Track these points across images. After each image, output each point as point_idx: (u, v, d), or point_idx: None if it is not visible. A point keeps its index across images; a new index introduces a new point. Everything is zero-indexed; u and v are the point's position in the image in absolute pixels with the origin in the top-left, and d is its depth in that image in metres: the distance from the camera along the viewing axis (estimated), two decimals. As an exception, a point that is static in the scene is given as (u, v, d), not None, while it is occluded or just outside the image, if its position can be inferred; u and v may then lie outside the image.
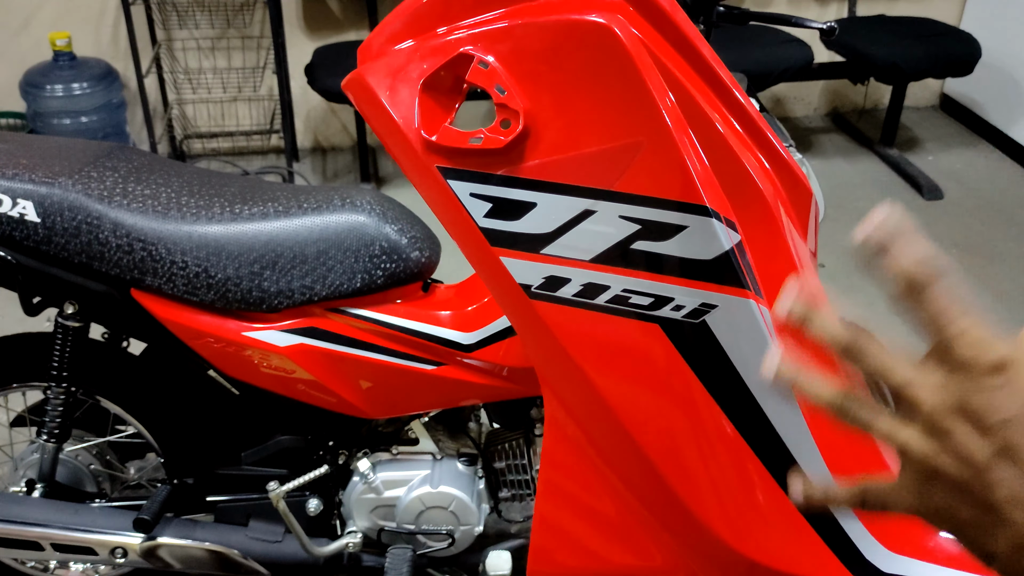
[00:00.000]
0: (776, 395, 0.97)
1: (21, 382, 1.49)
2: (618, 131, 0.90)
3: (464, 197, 0.95)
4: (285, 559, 1.47)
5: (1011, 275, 2.91)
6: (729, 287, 0.94)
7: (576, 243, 0.95)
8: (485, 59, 0.90)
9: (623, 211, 0.93)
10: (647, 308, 0.96)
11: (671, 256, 0.93)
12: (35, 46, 3.21)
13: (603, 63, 0.88)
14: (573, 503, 1.10)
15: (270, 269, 1.29)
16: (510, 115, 0.91)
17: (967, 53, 3.31)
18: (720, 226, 0.92)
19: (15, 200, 1.27)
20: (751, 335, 0.95)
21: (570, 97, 0.90)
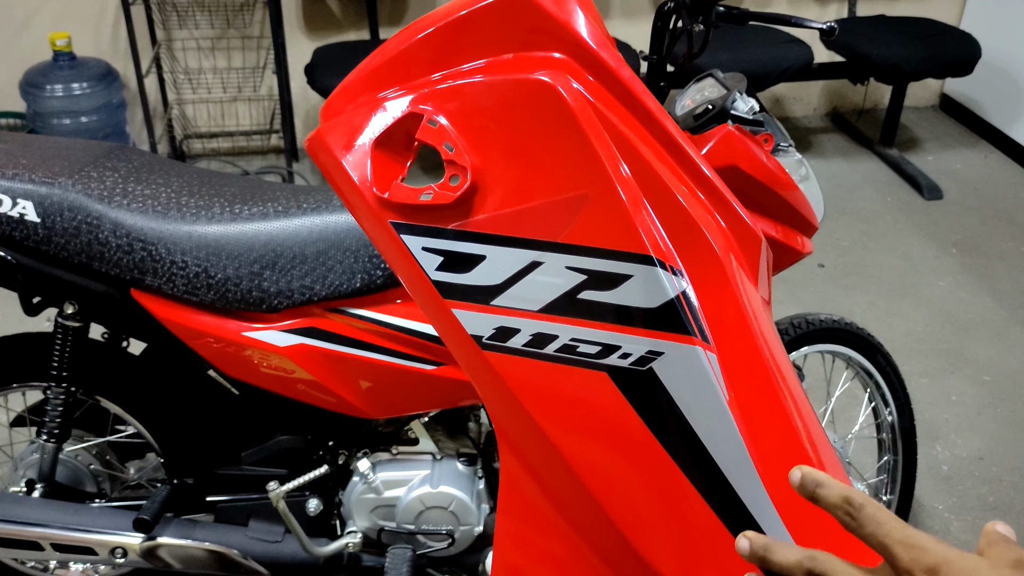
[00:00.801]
0: (724, 442, 0.99)
1: (21, 382, 1.49)
2: (563, 184, 0.93)
3: (416, 251, 0.98)
4: (285, 559, 1.48)
5: (1011, 275, 2.91)
6: (675, 334, 0.96)
7: (525, 294, 0.97)
8: (435, 117, 0.93)
9: (569, 262, 0.95)
10: (595, 356, 0.98)
11: (617, 305, 0.96)
12: (35, 46, 3.21)
13: (548, 120, 0.91)
14: (529, 550, 1.12)
15: (270, 269, 1.29)
16: (458, 171, 0.94)
17: (967, 53, 3.31)
18: (665, 274, 0.94)
19: (15, 200, 1.27)
20: (698, 381, 0.97)
21: (517, 152, 0.93)
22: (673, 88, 1.51)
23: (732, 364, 0.99)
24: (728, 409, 0.98)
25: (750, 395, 0.99)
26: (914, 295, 2.80)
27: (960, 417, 2.30)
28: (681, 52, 1.52)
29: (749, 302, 1.00)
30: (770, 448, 1.00)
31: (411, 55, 0.96)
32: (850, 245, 3.06)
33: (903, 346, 2.56)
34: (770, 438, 1.00)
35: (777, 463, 1.00)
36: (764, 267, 1.07)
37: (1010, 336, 2.61)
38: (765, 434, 1.00)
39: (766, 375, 0.99)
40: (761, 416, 1.00)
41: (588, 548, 1.09)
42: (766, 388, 0.99)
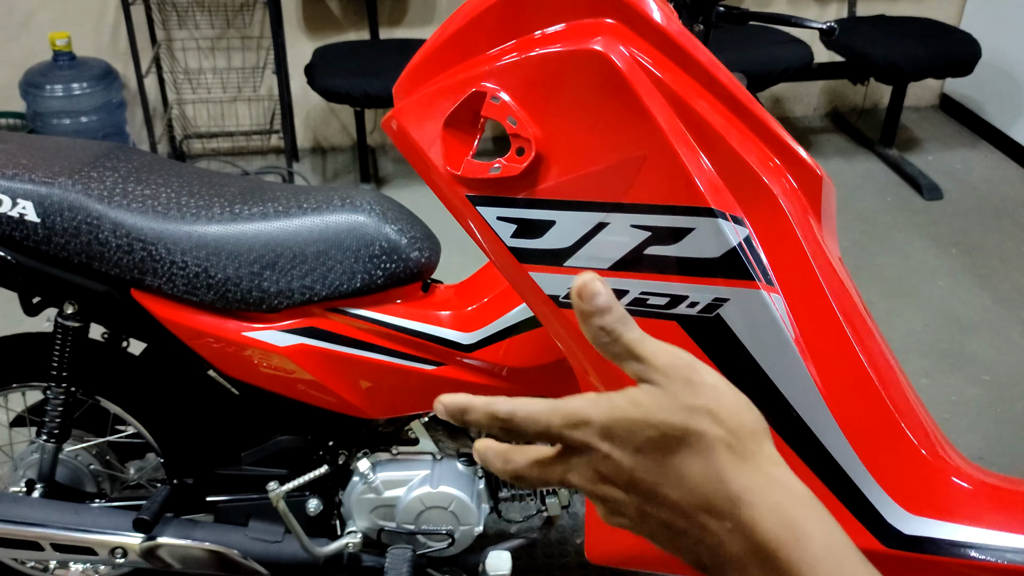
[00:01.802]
0: (793, 379, 1.03)
1: (21, 382, 1.49)
2: (621, 147, 0.98)
3: (492, 221, 1.04)
4: (285, 559, 1.47)
5: (1011, 275, 2.91)
6: (739, 280, 1.00)
7: (594, 254, 1.03)
8: (497, 94, 0.99)
9: (634, 220, 1.00)
10: (664, 308, 1.03)
11: (681, 257, 1.00)
12: (35, 46, 3.21)
13: (602, 86, 0.96)
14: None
15: (270, 269, 1.29)
16: (523, 143, 0.99)
17: (967, 53, 3.31)
18: (726, 224, 0.98)
19: (15, 200, 1.27)
20: (764, 324, 1.02)
21: (575, 120, 0.98)
22: (673, 88, 1.51)
23: (797, 303, 1.03)
24: (795, 347, 1.03)
25: (816, 331, 1.04)
26: (914, 295, 2.80)
27: (960, 417, 2.30)
28: (681, 52, 1.52)
29: (811, 242, 1.04)
30: (839, 380, 1.05)
31: (468, 33, 1.01)
32: (850, 245, 3.06)
33: (903, 346, 2.56)
34: (838, 371, 1.05)
35: (846, 394, 1.05)
36: (827, 204, 1.11)
37: (1010, 336, 2.61)
38: (833, 367, 1.04)
39: (830, 311, 1.04)
40: (828, 350, 1.04)
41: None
42: (831, 323, 1.04)
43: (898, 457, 1.07)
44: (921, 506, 1.08)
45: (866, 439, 1.06)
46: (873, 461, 1.06)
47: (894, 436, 1.07)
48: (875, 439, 1.06)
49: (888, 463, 1.07)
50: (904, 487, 1.08)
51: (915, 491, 1.08)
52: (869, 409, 1.06)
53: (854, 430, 1.05)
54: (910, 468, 1.08)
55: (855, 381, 1.05)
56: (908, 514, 1.07)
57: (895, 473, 1.07)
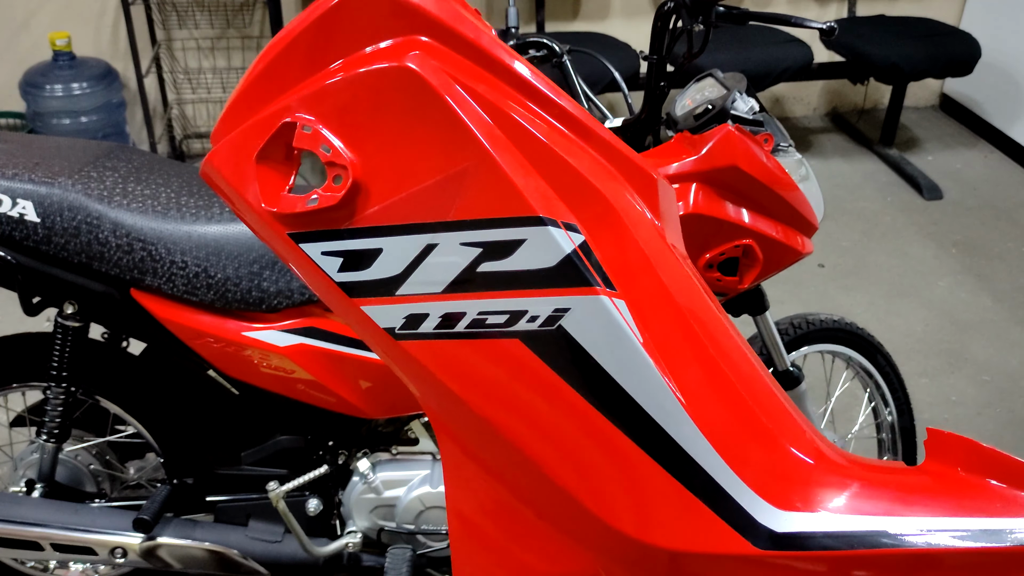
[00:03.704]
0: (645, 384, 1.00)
1: (21, 382, 1.49)
2: (441, 163, 0.94)
3: (316, 257, 0.99)
4: (285, 559, 1.47)
5: (1011, 275, 2.91)
6: (578, 288, 0.97)
7: (426, 278, 0.99)
8: (308, 123, 0.95)
9: (463, 238, 0.97)
10: (504, 325, 0.99)
11: (516, 271, 0.97)
12: (35, 46, 3.21)
13: (414, 103, 0.93)
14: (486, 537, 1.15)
15: (270, 269, 1.29)
16: (339, 171, 0.95)
17: (967, 53, 3.32)
18: (558, 232, 0.96)
19: (15, 200, 1.27)
20: (609, 330, 0.98)
21: (391, 141, 0.95)
22: (673, 88, 1.51)
23: (641, 307, 1.00)
24: (643, 351, 0.99)
25: (665, 333, 1.01)
26: (914, 295, 2.80)
27: (960, 417, 2.30)
28: (681, 52, 1.52)
29: (651, 243, 1.01)
30: (694, 381, 1.01)
31: (277, 69, 0.97)
32: (850, 245, 3.06)
33: (903, 346, 2.56)
34: (692, 372, 1.02)
35: (703, 394, 1.02)
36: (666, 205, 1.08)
37: (1010, 336, 2.61)
38: (686, 368, 1.01)
39: (677, 311, 1.01)
40: (679, 351, 1.01)
41: (542, 520, 1.11)
42: (679, 324, 1.01)
43: (762, 453, 1.04)
44: (791, 500, 1.05)
45: (728, 438, 1.03)
46: (737, 460, 1.03)
47: (756, 432, 1.04)
48: (737, 437, 1.03)
49: (753, 460, 1.04)
50: (772, 483, 1.05)
51: (783, 486, 1.05)
52: (728, 408, 1.03)
53: (715, 430, 1.03)
54: (776, 463, 1.05)
55: (711, 380, 1.02)
56: (779, 511, 1.04)
57: (761, 470, 1.04)
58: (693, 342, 1.02)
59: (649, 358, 0.99)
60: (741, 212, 1.39)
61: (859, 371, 1.80)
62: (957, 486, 1.07)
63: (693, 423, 1.02)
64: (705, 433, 1.02)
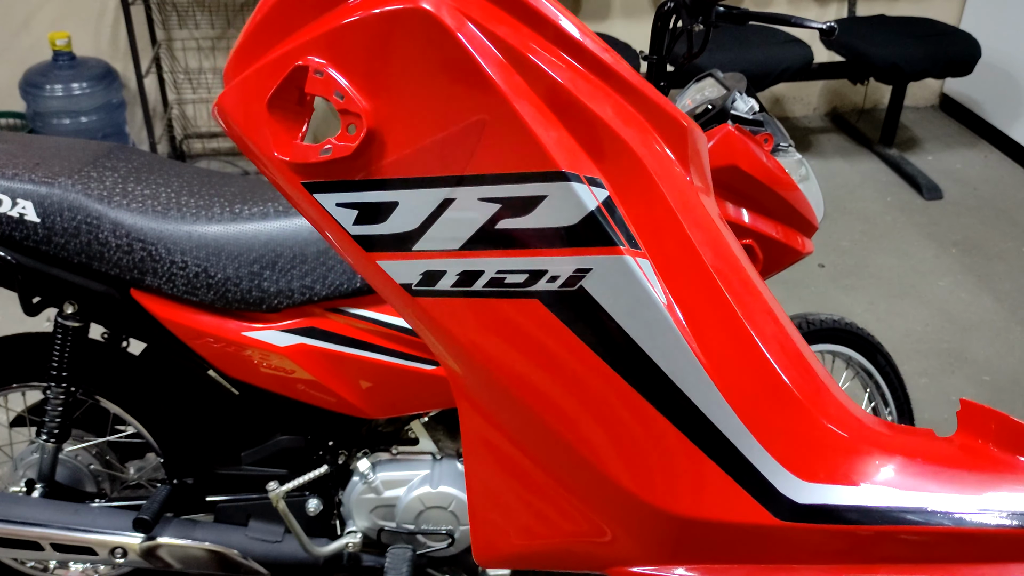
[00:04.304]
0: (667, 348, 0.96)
1: (21, 382, 1.49)
2: (459, 113, 0.89)
3: (331, 209, 0.95)
4: (285, 559, 1.47)
5: (1011, 275, 2.91)
6: (601, 247, 0.92)
7: (443, 234, 0.94)
8: (321, 67, 0.89)
9: (481, 193, 0.91)
10: (523, 285, 0.95)
11: (537, 228, 0.92)
12: (35, 46, 3.21)
13: (430, 48, 0.87)
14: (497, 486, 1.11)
15: (270, 269, 1.29)
16: (353, 119, 0.91)
17: (967, 53, 3.32)
18: (581, 188, 0.90)
19: (15, 200, 1.27)
20: (630, 290, 0.94)
21: (406, 89, 0.89)
22: (673, 88, 1.51)
23: (667, 266, 0.95)
24: (667, 313, 0.95)
25: (691, 295, 0.96)
26: (914, 295, 2.80)
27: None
28: (681, 52, 1.52)
29: (680, 198, 0.96)
30: (719, 346, 0.97)
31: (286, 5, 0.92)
32: (850, 245, 3.06)
33: (903, 346, 2.56)
34: (718, 336, 0.97)
35: (728, 360, 0.98)
36: (698, 156, 1.02)
37: (1010, 336, 2.61)
38: (712, 332, 0.97)
39: (704, 272, 0.96)
40: (705, 314, 0.97)
41: (556, 482, 1.08)
42: (706, 285, 0.96)
43: (789, 422, 1.00)
44: (816, 472, 1.01)
45: (753, 406, 0.99)
46: (762, 429, 0.99)
47: (783, 401, 1.00)
48: (763, 405, 0.99)
49: (778, 429, 1.00)
50: (797, 453, 1.01)
51: (809, 457, 1.01)
52: (755, 374, 0.99)
53: (739, 398, 0.98)
54: (803, 433, 1.01)
55: (737, 345, 0.98)
56: (802, 482, 1.01)
57: (786, 439, 1.00)
58: (720, 305, 0.97)
59: (672, 321, 0.95)
60: (741, 212, 1.39)
61: (859, 371, 1.80)
62: (988, 462, 1.03)
63: (716, 388, 0.98)
64: (728, 399, 0.98)
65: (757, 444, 1.00)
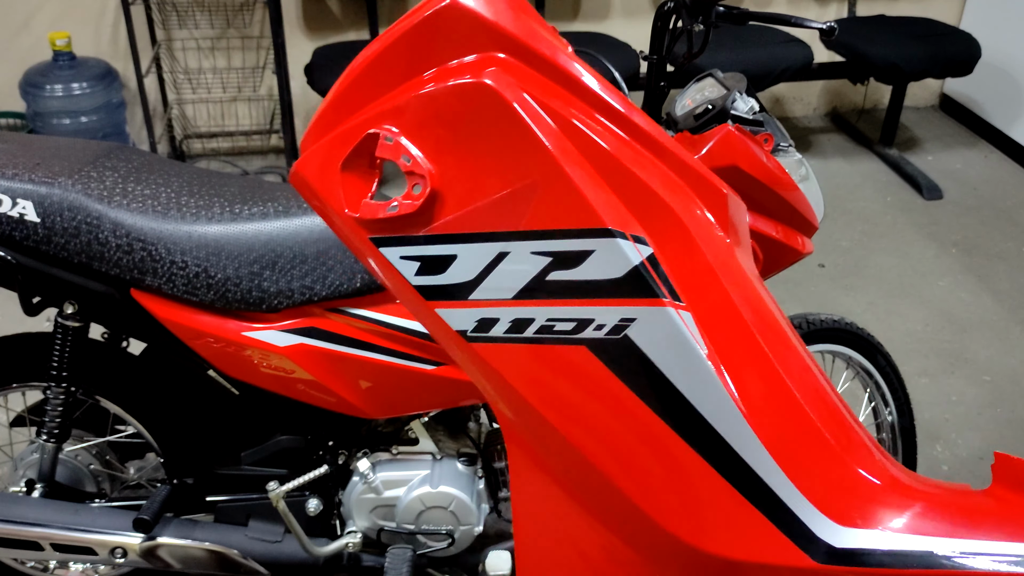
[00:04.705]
0: (708, 395, 1.03)
1: (21, 382, 1.49)
2: (514, 175, 0.98)
3: (395, 261, 1.04)
4: (285, 559, 1.48)
5: (1011, 275, 2.91)
6: (644, 299, 1.00)
7: (498, 284, 1.03)
8: (390, 134, 1.00)
9: (534, 247, 1.01)
10: (571, 332, 1.03)
11: (585, 280, 1.01)
12: (35, 46, 3.21)
13: (491, 118, 0.97)
14: (549, 541, 1.18)
15: (270, 269, 1.29)
16: (419, 180, 1.00)
17: (967, 53, 3.31)
18: (627, 244, 0.99)
19: (15, 200, 1.27)
20: (674, 341, 1.01)
21: (468, 153, 0.99)
22: (673, 88, 1.51)
23: (707, 319, 1.02)
24: (708, 362, 1.02)
25: (729, 345, 1.03)
26: (914, 295, 2.80)
27: (960, 417, 2.30)
28: (681, 52, 1.52)
29: (719, 256, 1.04)
30: (757, 394, 1.03)
31: (366, 79, 1.02)
32: (850, 245, 3.06)
33: (903, 346, 2.56)
34: (756, 384, 1.04)
35: (765, 407, 1.04)
36: (736, 220, 1.10)
37: (1010, 336, 2.61)
38: (750, 381, 1.03)
39: (742, 324, 1.03)
40: (743, 364, 1.03)
41: (603, 526, 1.14)
42: (744, 337, 1.03)
43: (824, 468, 1.06)
44: (852, 517, 1.06)
45: (790, 452, 1.04)
46: (798, 474, 1.05)
47: (819, 447, 1.06)
48: (799, 452, 1.05)
49: (814, 475, 1.05)
50: (833, 499, 1.06)
51: (844, 502, 1.06)
52: (791, 422, 1.05)
53: (776, 444, 1.04)
54: (838, 479, 1.06)
55: (774, 394, 1.04)
56: (838, 526, 1.05)
57: (822, 485, 1.06)
58: (758, 356, 1.03)
59: (713, 370, 1.02)
60: (741, 212, 1.39)
61: (859, 371, 1.80)
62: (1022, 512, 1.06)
63: (754, 434, 1.03)
64: (766, 445, 1.04)
65: (794, 488, 1.05)
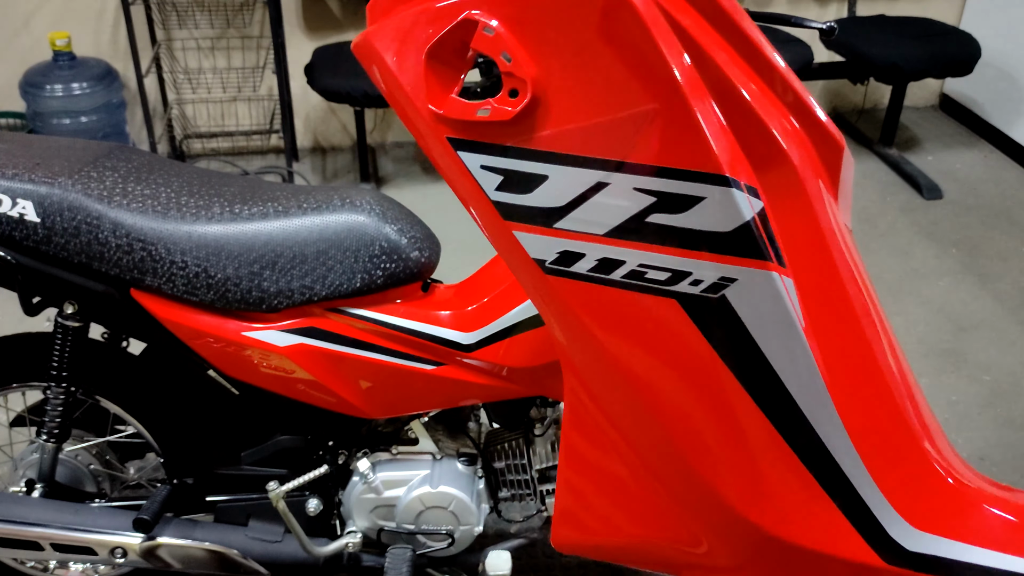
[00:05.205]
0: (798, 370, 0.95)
1: (21, 382, 1.49)
2: (631, 99, 0.86)
3: (475, 169, 0.93)
4: (285, 559, 1.47)
5: (1011, 275, 2.91)
6: (750, 259, 0.90)
7: (589, 217, 0.92)
8: (489, 24, 0.86)
9: (637, 183, 0.89)
10: (664, 283, 0.93)
11: (688, 229, 0.90)
12: (35, 46, 3.21)
13: (613, 27, 0.84)
14: (593, 473, 1.09)
15: (270, 269, 1.29)
16: (517, 84, 0.88)
17: (967, 53, 3.31)
18: (741, 195, 0.88)
19: (15, 200, 1.27)
20: (773, 309, 0.92)
21: (580, 63, 0.86)
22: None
23: (809, 288, 0.93)
24: (804, 336, 0.93)
25: (828, 320, 0.94)
26: (914, 295, 2.80)
27: (960, 417, 2.30)
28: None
29: (829, 220, 0.94)
30: (846, 374, 0.95)
31: None
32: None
33: (904, 346, 2.56)
34: (848, 366, 0.95)
35: (853, 389, 0.96)
36: (845, 176, 1.00)
37: (1010, 336, 2.61)
38: (843, 362, 0.95)
39: (846, 299, 0.94)
40: (839, 342, 0.94)
41: (649, 473, 1.06)
42: (845, 313, 0.94)
43: (907, 466, 0.98)
44: (929, 522, 0.99)
45: (873, 444, 0.97)
46: (879, 468, 0.97)
47: (905, 443, 0.98)
48: (883, 445, 0.97)
49: (896, 471, 0.98)
50: (911, 499, 0.99)
51: (923, 505, 0.99)
52: (879, 412, 0.97)
53: (860, 433, 0.96)
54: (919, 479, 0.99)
55: (866, 380, 0.96)
56: (913, 529, 0.99)
57: (903, 483, 0.98)
58: (856, 338, 0.95)
59: (807, 345, 0.93)
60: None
61: (859, 371, 1.80)
62: None
63: (840, 421, 0.96)
64: (851, 433, 0.96)
65: (873, 482, 0.98)
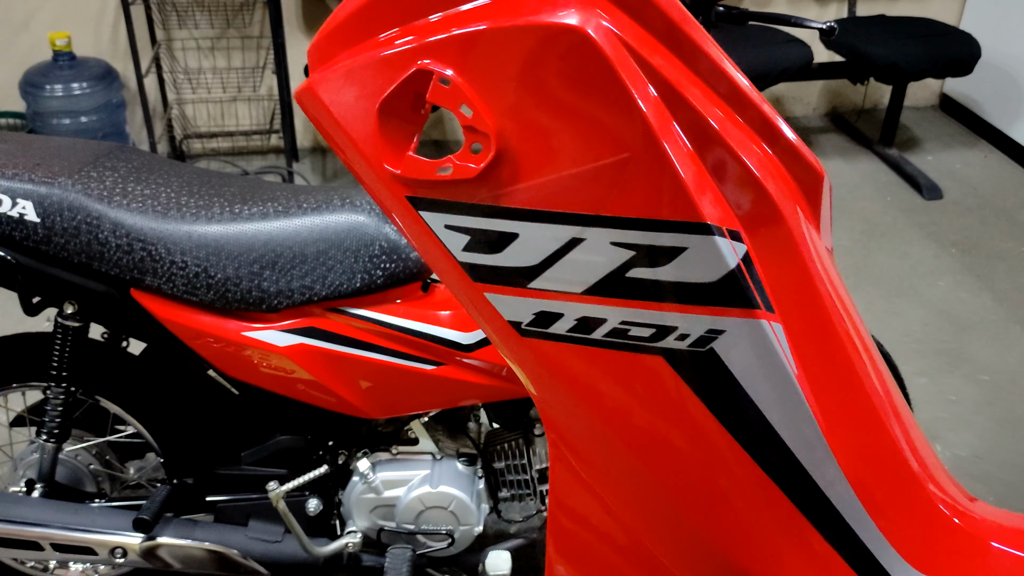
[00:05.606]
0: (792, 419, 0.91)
1: (21, 382, 1.49)
2: (602, 148, 0.81)
3: (439, 230, 0.86)
4: (285, 559, 1.48)
5: (1011, 275, 2.91)
6: (737, 309, 0.85)
7: (566, 275, 0.86)
8: (445, 74, 0.80)
9: (614, 237, 0.84)
10: (648, 340, 0.88)
11: (671, 282, 0.85)
12: (35, 46, 3.21)
13: (579, 71, 0.78)
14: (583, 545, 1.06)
15: (270, 269, 1.29)
16: (480, 138, 0.82)
17: (967, 53, 3.31)
18: (724, 242, 0.83)
19: (15, 200, 1.27)
20: (764, 358, 0.87)
21: (545, 113, 0.80)
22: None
23: (799, 332, 0.88)
24: (796, 384, 0.88)
25: (820, 364, 0.89)
26: (914, 295, 2.80)
27: (958, 416, 2.30)
28: (681, 52, 1.52)
29: (815, 259, 0.88)
30: (842, 420, 0.91)
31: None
32: (850, 245, 3.06)
33: (903, 346, 2.56)
34: (843, 410, 0.90)
35: (851, 435, 0.91)
36: (825, 203, 0.94)
37: (1009, 336, 2.61)
38: (837, 406, 0.90)
39: (835, 338, 0.89)
40: (832, 387, 0.90)
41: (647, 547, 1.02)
42: (837, 354, 0.89)
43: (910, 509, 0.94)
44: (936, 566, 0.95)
45: (874, 489, 0.93)
46: (882, 513, 0.93)
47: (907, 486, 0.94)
48: (885, 489, 0.93)
49: (899, 516, 0.94)
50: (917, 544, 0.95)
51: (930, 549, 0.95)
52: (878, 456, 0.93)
53: (861, 479, 0.92)
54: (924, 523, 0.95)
55: (862, 423, 0.91)
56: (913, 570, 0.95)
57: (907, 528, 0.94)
58: (849, 378, 0.89)
59: (801, 392, 0.88)
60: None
61: (859, 371, 1.80)
62: None
63: (839, 468, 0.91)
64: (851, 480, 0.92)
65: (877, 530, 0.94)
